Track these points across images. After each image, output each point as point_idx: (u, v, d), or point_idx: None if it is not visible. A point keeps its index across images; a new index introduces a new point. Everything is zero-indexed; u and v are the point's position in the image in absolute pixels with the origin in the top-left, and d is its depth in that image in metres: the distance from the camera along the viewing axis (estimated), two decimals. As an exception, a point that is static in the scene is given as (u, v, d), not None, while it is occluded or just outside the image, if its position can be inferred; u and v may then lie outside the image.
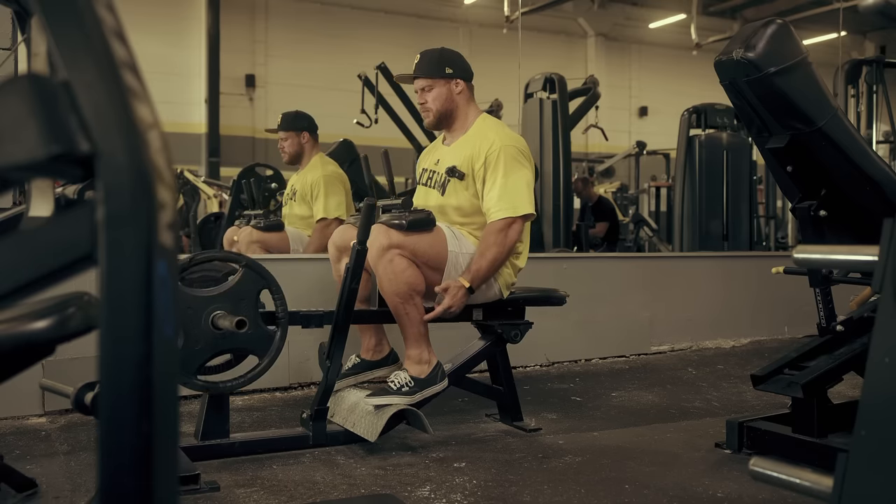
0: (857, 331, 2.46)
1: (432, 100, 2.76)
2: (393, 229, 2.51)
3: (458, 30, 14.10)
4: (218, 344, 2.32)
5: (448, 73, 2.74)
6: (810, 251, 0.98)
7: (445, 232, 2.63)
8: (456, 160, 2.71)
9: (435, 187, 2.78)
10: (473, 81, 2.84)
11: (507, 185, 2.60)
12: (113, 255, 0.47)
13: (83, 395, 1.64)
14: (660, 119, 14.60)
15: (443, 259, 2.60)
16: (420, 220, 2.54)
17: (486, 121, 2.80)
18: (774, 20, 2.27)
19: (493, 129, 2.73)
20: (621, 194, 10.23)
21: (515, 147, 2.66)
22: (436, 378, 2.59)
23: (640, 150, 9.83)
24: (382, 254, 2.49)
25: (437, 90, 2.75)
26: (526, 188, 2.62)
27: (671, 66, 15.53)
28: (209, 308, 2.30)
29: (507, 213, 2.58)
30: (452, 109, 2.77)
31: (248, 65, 12.90)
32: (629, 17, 15.45)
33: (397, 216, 2.54)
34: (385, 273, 2.50)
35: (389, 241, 2.49)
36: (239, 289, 2.36)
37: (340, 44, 12.96)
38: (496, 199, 2.60)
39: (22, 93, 0.48)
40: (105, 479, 0.47)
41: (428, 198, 2.79)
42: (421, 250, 2.54)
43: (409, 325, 2.56)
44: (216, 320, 2.29)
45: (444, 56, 2.78)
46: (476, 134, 2.73)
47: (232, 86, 12.68)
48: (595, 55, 15.25)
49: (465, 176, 2.67)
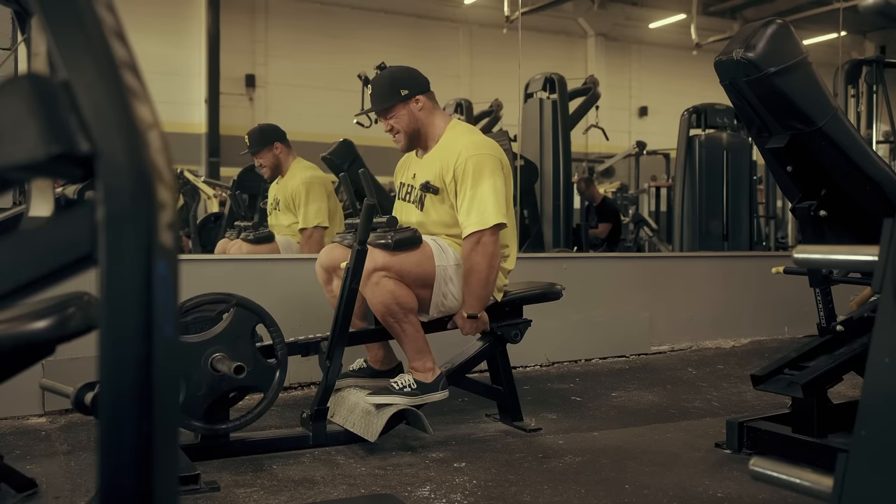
0: (857, 331, 2.46)
1: (397, 125, 2.72)
2: (378, 250, 2.50)
3: (458, 30, 14.09)
4: (220, 386, 2.31)
5: (404, 94, 2.68)
6: (810, 251, 0.98)
7: (431, 245, 2.61)
8: (429, 175, 2.69)
9: (413, 202, 2.77)
10: (473, 81, 2.83)
11: (475, 197, 2.57)
12: (113, 255, 0.47)
13: (83, 395, 1.64)
14: (660, 119, 14.59)
15: (430, 275, 2.58)
16: (406, 240, 2.52)
17: (454, 129, 2.76)
18: (774, 20, 2.27)
19: (461, 139, 2.68)
20: (621, 194, 10.22)
21: (482, 155, 2.61)
22: (438, 385, 2.59)
23: (640, 150, 9.82)
24: (369, 277, 2.49)
25: (398, 115, 2.70)
26: (494, 197, 2.57)
27: (671, 66, 15.52)
28: (207, 352, 2.29)
29: (476, 226, 2.56)
30: (419, 127, 2.73)
31: (248, 65, 12.89)
32: (629, 17, 15.44)
33: (382, 235, 2.52)
34: (374, 296, 2.50)
35: (374, 263, 2.48)
36: (233, 328, 2.35)
37: (340, 44, 12.95)
38: (465, 213, 2.59)
39: (22, 93, 0.48)
40: (105, 479, 0.47)
41: (409, 214, 2.77)
42: (407, 270, 2.52)
43: (407, 342, 2.57)
44: (215, 363, 2.28)
45: (395, 78, 2.72)
46: (445, 145, 2.70)
47: (232, 86, 12.66)
48: (595, 55, 15.23)
49: (440, 190, 2.65)
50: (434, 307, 2.63)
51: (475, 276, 2.58)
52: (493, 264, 2.60)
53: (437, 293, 2.61)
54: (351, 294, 2.49)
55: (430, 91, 2.77)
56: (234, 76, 12.74)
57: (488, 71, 12.24)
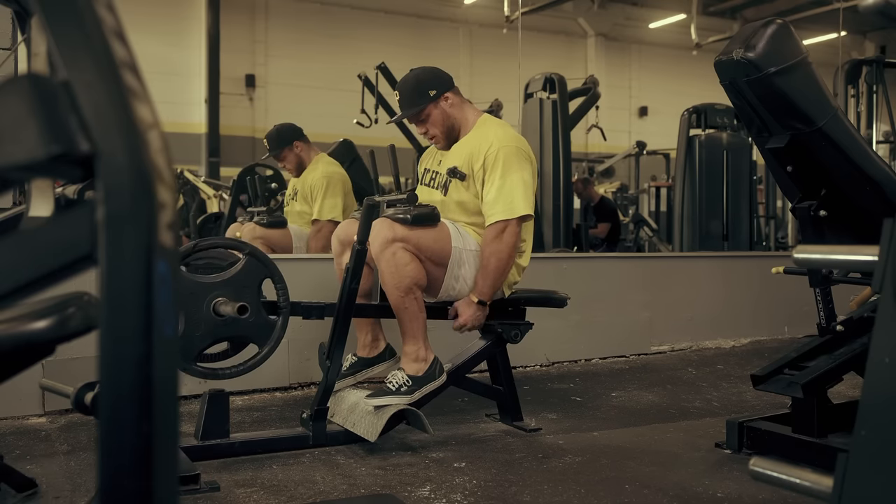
0: (857, 331, 2.46)
1: (432, 127, 2.75)
2: (397, 223, 2.51)
3: (458, 30, 14.10)
4: (218, 331, 2.31)
5: (432, 95, 2.71)
6: (810, 251, 0.98)
7: (450, 227, 2.63)
8: (457, 161, 2.71)
9: (437, 188, 2.78)
10: (473, 81, 2.84)
11: (504, 186, 2.59)
12: (113, 255, 0.47)
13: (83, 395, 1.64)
14: (660, 119, 14.60)
15: (446, 254, 2.59)
16: (425, 215, 2.53)
17: (486, 121, 2.80)
18: (774, 20, 2.27)
19: (493, 130, 2.72)
20: (621, 194, 10.23)
21: (514, 147, 2.65)
22: (434, 374, 2.59)
23: (640, 150, 9.82)
24: (386, 246, 2.49)
25: (431, 117, 2.73)
26: (522, 189, 2.60)
27: (671, 66, 15.53)
28: (211, 294, 2.30)
29: (502, 215, 2.58)
30: (453, 123, 2.76)
31: (248, 65, 12.90)
32: (629, 17, 15.44)
33: (402, 210, 2.53)
34: (388, 266, 2.50)
35: (394, 234, 2.49)
36: (241, 277, 2.36)
37: (340, 44, 12.96)
38: (492, 201, 2.60)
39: (22, 93, 0.48)
40: (105, 480, 0.47)
41: (431, 197, 2.79)
42: (425, 245, 2.54)
43: (409, 320, 2.56)
44: (218, 307, 2.29)
45: (421, 80, 2.74)
46: (476, 134, 2.73)
47: (232, 86, 12.67)
48: (595, 55, 15.24)
49: (466, 177, 2.67)
50: (445, 289, 2.64)
51: (494, 264, 2.59)
52: (513, 254, 2.63)
53: (449, 275, 2.62)
54: (351, 294, 2.49)
55: (456, 87, 2.81)
56: (234, 76, 12.74)
57: (488, 71, 12.25)
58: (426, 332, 2.61)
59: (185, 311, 2.23)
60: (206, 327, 2.28)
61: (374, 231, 2.49)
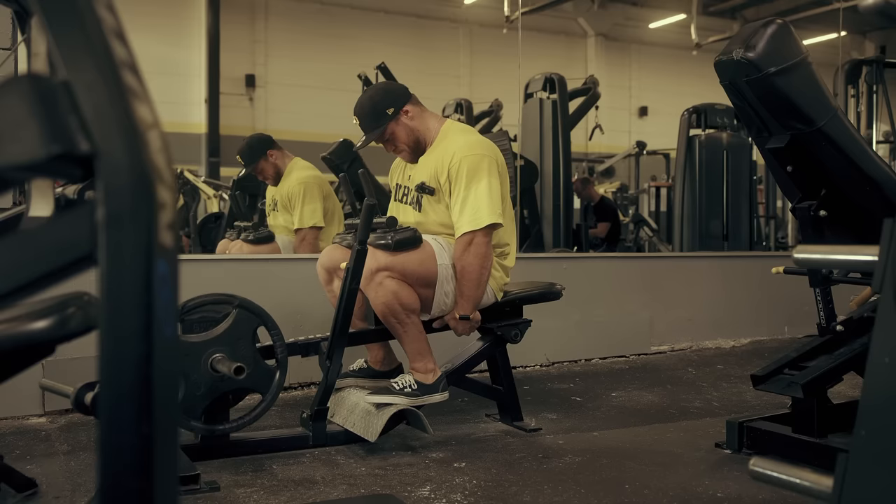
0: (857, 331, 2.46)
1: (398, 142, 2.71)
2: (379, 250, 2.49)
3: (458, 30, 14.09)
4: (219, 387, 2.31)
5: (390, 113, 2.66)
6: (810, 251, 0.98)
7: (433, 245, 2.61)
8: (424, 175, 2.68)
9: (410, 204, 2.76)
10: (473, 81, 2.83)
11: (469, 197, 2.56)
12: (113, 255, 0.47)
13: (83, 395, 1.64)
14: (660, 119, 14.59)
15: (433, 275, 2.58)
16: (406, 240, 2.51)
17: (449, 130, 2.74)
18: (774, 20, 2.27)
19: (456, 140, 2.67)
20: (621, 194, 10.22)
21: (476, 155, 2.60)
22: (438, 387, 2.59)
23: (640, 150, 9.82)
24: (372, 277, 2.48)
25: (395, 134, 2.69)
26: (487, 198, 2.55)
27: (671, 66, 15.52)
28: (207, 352, 2.29)
29: (468, 226, 2.55)
30: (417, 136, 2.71)
31: (248, 65, 12.89)
32: (629, 17, 15.44)
33: (382, 235, 2.52)
34: (377, 296, 2.50)
35: (377, 263, 2.47)
36: (234, 329, 2.35)
37: (340, 44, 12.95)
38: (458, 213, 2.59)
39: (22, 93, 0.48)
40: (105, 480, 0.47)
41: (406, 215, 2.76)
42: (410, 269, 2.52)
43: (409, 342, 2.56)
44: (215, 364, 2.28)
45: (376, 101, 2.69)
46: (440, 147, 2.69)
47: (232, 86, 12.66)
48: (595, 55, 15.23)
49: (435, 191, 2.65)
50: (436, 306, 2.63)
51: (467, 277, 2.57)
52: (486, 265, 2.59)
53: (439, 292, 2.60)
54: (351, 294, 2.49)
55: (412, 96, 2.75)
56: (234, 76, 12.74)
57: (488, 71, 12.24)
58: (429, 347, 2.61)
59: (183, 374, 2.23)
60: (205, 386, 2.28)
61: None
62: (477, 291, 2.60)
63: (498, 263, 2.72)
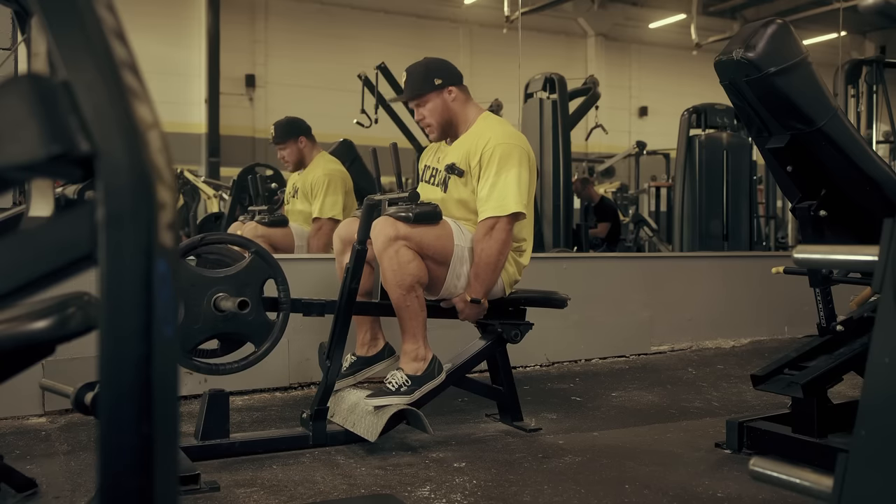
0: (857, 331, 2.46)
1: (429, 114, 2.75)
2: (400, 221, 2.51)
3: (458, 30, 14.10)
4: (217, 326, 2.30)
5: (437, 84, 2.72)
6: (810, 251, 0.98)
7: (452, 225, 2.63)
8: (455, 157, 2.71)
9: (437, 185, 2.79)
10: (473, 81, 2.84)
11: (498, 183, 2.59)
12: (113, 255, 0.47)
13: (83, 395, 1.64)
14: (660, 119, 14.61)
15: (448, 252, 2.59)
16: (427, 213, 2.53)
17: (486, 119, 2.80)
18: (774, 20, 2.27)
19: (492, 127, 2.72)
20: (621, 194, 10.23)
21: (511, 144, 2.65)
22: (433, 373, 2.59)
23: (640, 150, 9.82)
24: (389, 244, 2.48)
25: (431, 104, 2.73)
26: (516, 187, 2.59)
27: (671, 66, 15.53)
28: (213, 289, 2.29)
29: (493, 212, 2.58)
30: (452, 117, 2.76)
31: (248, 65, 12.90)
32: (629, 17, 15.45)
33: (404, 208, 2.53)
34: (390, 264, 2.50)
35: (396, 232, 2.48)
36: (245, 274, 2.36)
37: (340, 44, 12.96)
38: (485, 197, 2.61)
39: (22, 93, 0.48)
40: (105, 480, 0.47)
41: (431, 194, 2.79)
42: (427, 243, 2.53)
43: (410, 318, 2.56)
44: (218, 302, 2.28)
45: (430, 68, 2.75)
46: (475, 131, 2.73)
47: (232, 86, 12.68)
48: (595, 55, 15.25)
49: (464, 173, 2.67)
50: (446, 287, 2.64)
51: (484, 261, 2.59)
52: (504, 252, 2.61)
53: (451, 273, 2.62)
54: (350, 294, 2.49)
55: (464, 85, 2.81)
56: (234, 76, 12.75)
57: (488, 71, 12.24)
58: (426, 330, 2.61)
59: (185, 303, 2.22)
60: (204, 321, 2.28)
61: (377, 229, 2.49)
62: (492, 276, 2.62)
63: (513, 258, 2.73)
